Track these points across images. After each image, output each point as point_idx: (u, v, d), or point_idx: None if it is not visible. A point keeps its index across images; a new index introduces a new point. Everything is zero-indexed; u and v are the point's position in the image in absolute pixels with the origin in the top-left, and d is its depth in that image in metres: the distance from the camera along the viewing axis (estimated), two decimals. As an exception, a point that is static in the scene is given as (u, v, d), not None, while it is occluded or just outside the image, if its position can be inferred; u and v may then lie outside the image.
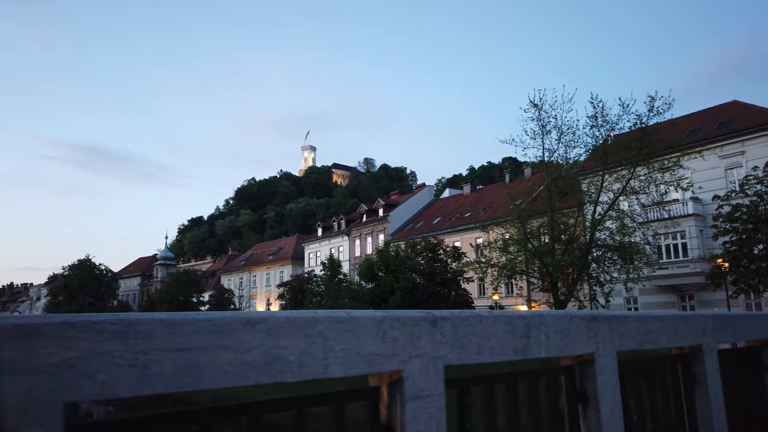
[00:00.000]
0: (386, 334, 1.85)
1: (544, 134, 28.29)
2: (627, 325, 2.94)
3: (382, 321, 1.85)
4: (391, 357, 1.85)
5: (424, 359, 1.94)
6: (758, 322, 4.43)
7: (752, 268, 21.20)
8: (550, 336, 2.46)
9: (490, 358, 2.20)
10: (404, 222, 57.36)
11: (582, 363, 2.71)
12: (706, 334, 3.56)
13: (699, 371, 3.52)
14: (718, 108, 36.40)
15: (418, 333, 1.94)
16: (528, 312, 2.45)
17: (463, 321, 2.12)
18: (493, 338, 2.22)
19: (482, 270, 30.18)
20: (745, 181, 22.84)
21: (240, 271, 79.66)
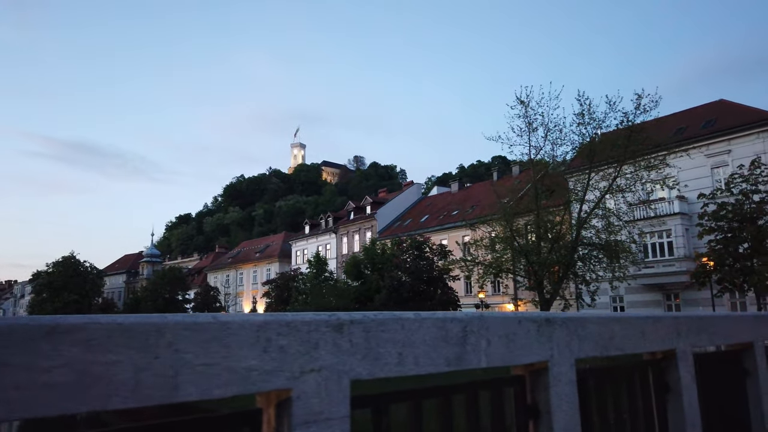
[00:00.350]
0: (270, 343, 1.49)
1: (530, 131, 28.09)
2: (587, 329, 2.59)
3: (264, 327, 1.49)
4: (276, 372, 1.49)
5: (323, 374, 1.58)
6: (738, 323, 4.11)
7: (737, 267, 21.08)
8: (493, 342, 2.11)
9: (415, 369, 1.85)
10: (392, 220, 57.01)
11: (534, 373, 2.36)
12: (680, 337, 3.25)
13: (672, 379, 3.20)
14: (705, 107, 36.40)
15: (315, 341, 1.58)
16: (467, 313, 2.10)
17: (379, 325, 1.76)
18: (419, 346, 1.87)
19: (468, 268, 29.94)
20: (731, 179, 22.71)
21: (227, 269, 78.95)
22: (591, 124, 27.71)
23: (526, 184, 34.11)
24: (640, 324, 2.98)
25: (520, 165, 45.28)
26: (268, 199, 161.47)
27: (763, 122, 30.53)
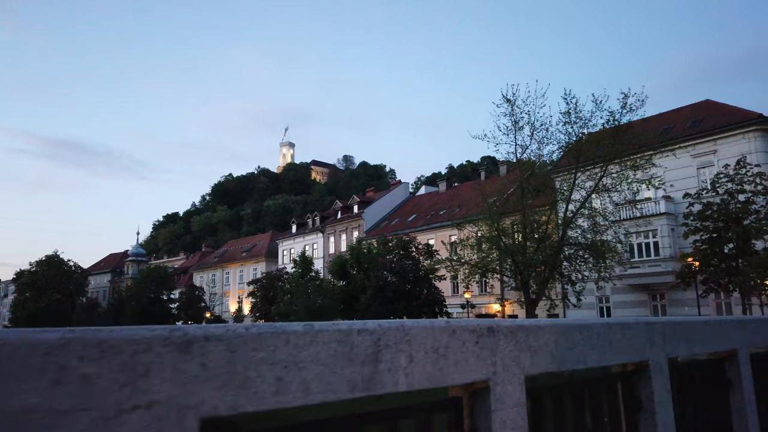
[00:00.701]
0: (66, 372, 1.07)
1: (516, 130, 27.84)
2: (541, 339, 2.20)
3: (58, 349, 1.07)
4: (73, 414, 1.07)
5: (155, 411, 1.17)
6: (720, 329, 3.72)
7: (722, 267, 20.91)
8: (416, 358, 1.71)
9: (302, 399, 1.45)
10: (379, 219, 56.64)
11: (473, 395, 1.96)
12: (654, 346, 2.88)
13: (645, 394, 2.83)
14: (691, 107, 36.38)
15: (144, 367, 1.17)
16: (381, 323, 1.69)
17: (250, 342, 1.35)
18: (310, 367, 1.46)
19: (454, 268, 29.64)
20: (716, 179, 22.55)
21: (213, 268, 78.15)
22: (577, 123, 27.56)
23: (512, 183, 33.92)
24: (606, 332, 2.59)
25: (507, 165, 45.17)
26: (257, 198, 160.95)
27: (748, 122, 30.50)
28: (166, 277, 63.65)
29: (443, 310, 34.92)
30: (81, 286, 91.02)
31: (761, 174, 21.18)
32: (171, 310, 60.66)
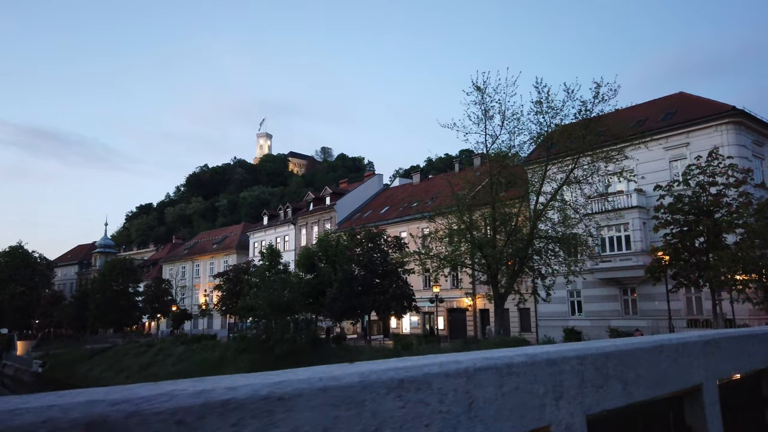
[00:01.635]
0: None
1: (486, 119, 27.02)
2: (607, 369, 1.90)
3: None
4: None
5: None
6: (758, 344, 3.19)
7: (693, 261, 20.34)
8: None
9: None
10: (352, 211, 55.57)
11: None
12: (709, 366, 2.53)
13: (697, 421, 2.46)
14: (665, 99, 35.98)
15: None
16: None
17: None
18: None
19: (422, 261, 28.80)
20: (688, 170, 21.97)
21: (183, 261, 76.30)
22: (549, 113, 26.81)
23: (485, 175, 33.19)
24: (663, 355, 2.24)
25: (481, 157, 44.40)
26: (233, 189, 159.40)
27: (721, 115, 30.12)
28: (132, 270, 61.69)
29: (412, 305, 34.07)
30: (46, 279, 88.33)
31: (733, 165, 20.65)
32: (137, 303, 58.82)
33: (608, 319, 33.38)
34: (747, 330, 3.62)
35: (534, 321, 37.69)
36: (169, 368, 40.98)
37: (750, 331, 3.34)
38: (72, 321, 65.98)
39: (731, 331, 3.17)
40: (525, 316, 38.59)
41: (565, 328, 29.14)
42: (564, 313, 35.97)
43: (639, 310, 32.41)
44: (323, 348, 31.68)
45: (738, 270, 17.26)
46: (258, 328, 33.53)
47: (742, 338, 3.10)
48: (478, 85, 26.62)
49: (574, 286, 35.36)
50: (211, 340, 43.34)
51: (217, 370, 35.84)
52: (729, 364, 2.84)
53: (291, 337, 30.83)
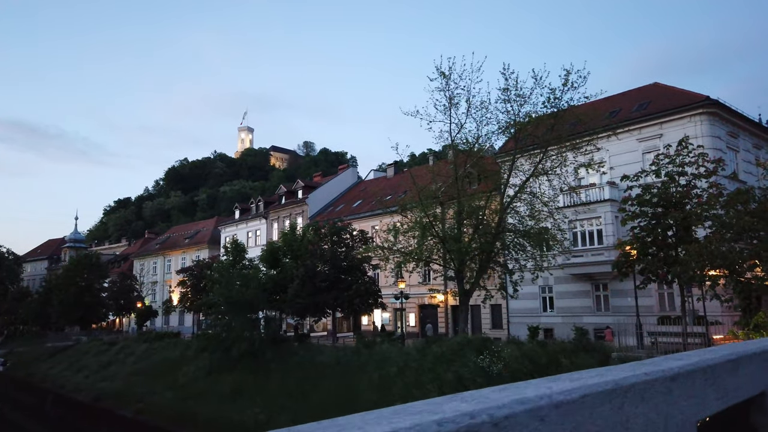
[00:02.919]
0: None
1: (451, 106, 25.77)
2: None
3: None
4: None
5: None
6: None
7: (660, 256, 19.31)
8: None
9: None
10: (325, 205, 54.19)
11: None
12: None
13: None
14: (639, 90, 35.09)
15: None
16: None
17: None
18: None
19: (385, 256, 27.55)
20: (657, 160, 20.90)
21: (154, 256, 74.31)
22: (517, 101, 25.63)
23: (464, 171, 32.09)
24: None
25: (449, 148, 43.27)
26: (213, 183, 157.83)
27: (695, 105, 29.25)
28: (99, 265, 59.64)
29: (378, 301, 32.80)
30: (14, 274, 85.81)
31: (703, 155, 19.65)
32: (103, 299, 56.87)
33: (580, 316, 32.46)
34: None
35: (505, 318, 36.68)
36: (128, 367, 39.38)
37: None
38: (37, 318, 63.80)
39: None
40: (496, 312, 37.59)
41: (529, 326, 28.09)
42: (535, 309, 35.01)
43: (611, 306, 31.51)
44: (284, 347, 30.31)
45: (706, 265, 16.25)
46: (218, 326, 32.08)
47: None
48: (443, 71, 25.37)
49: (546, 281, 34.43)
50: (174, 338, 41.75)
51: (176, 370, 34.35)
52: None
53: (249, 336, 29.41)
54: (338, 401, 23.94)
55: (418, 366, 22.98)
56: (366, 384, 23.93)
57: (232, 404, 27.42)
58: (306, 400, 25.15)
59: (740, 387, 2.09)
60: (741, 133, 31.71)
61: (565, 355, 19.62)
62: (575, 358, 19.31)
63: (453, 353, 22.70)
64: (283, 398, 26.28)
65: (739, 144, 31.10)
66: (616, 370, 1.55)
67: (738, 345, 2.38)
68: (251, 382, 28.55)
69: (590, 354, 19.84)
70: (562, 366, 19.07)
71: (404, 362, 23.80)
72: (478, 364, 21.42)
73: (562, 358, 19.29)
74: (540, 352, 20.14)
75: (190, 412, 28.16)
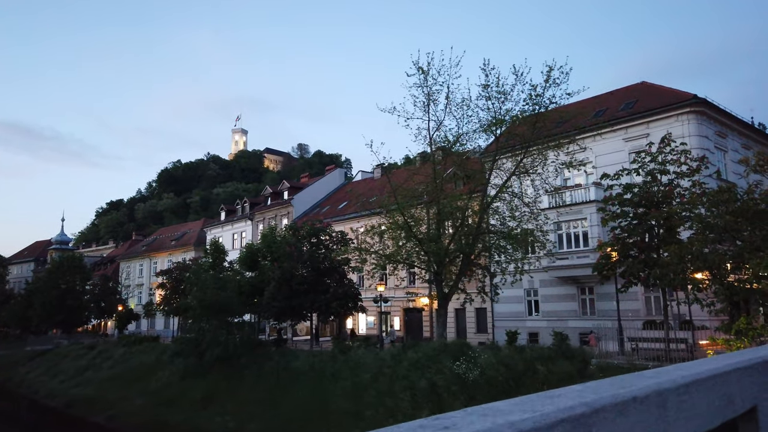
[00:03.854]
0: None
1: (430, 101, 24.92)
2: None
3: None
4: None
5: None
6: None
7: (642, 258, 18.46)
8: None
9: None
10: (311, 206, 53.27)
11: None
12: None
13: None
14: (626, 89, 34.32)
15: None
16: None
17: None
18: None
19: (361, 258, 26.66)
20: (638, 157, 20.07)
21: (140, 258, 73.18)
22: (499, 99, 24.79)
23: (444, 170, 31.37)
24: None
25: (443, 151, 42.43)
26: (206, 185, 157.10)
27: (682, 104, 28.48)
28: (81, 267, 58.49)
29: (358, 304, 31.85)
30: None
31: (686, 152, 18.82)
32: (86, 302, 55.72)
33: (565, 320, 31.62)
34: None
35: (490, 321, 35.78)
36: (104, 372, 38.34)
37: None
38: (18, 321, 62.58)
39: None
40: (482, 316, 36.70)
41: (508, 331, 27.19)
42: (521, 313, 34.14)
43: (597, 310, 30.65)
44: (260, 352, 29.32)
45: (687, 267, 15.39)
46: (193, 330, 31.11)
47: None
48: (421, 66, 24.52)
49: (531, 284, 33.58)
50: (153, 342, 40.72)
51: (151, 375, 33.35)
52: None
53: (224, 341, 28.44)
54: (309, 409, 23.04)
55: (393, 373, 22.08)
56: (339, 391, 23.01)
57: (202, 411, 26.46)
58: (277, 408, 24.20)
59: (727, 404, 1.84)
60: (730, 133, 30.96)
61: (543, 362, 18.74)
62: (553, 365, 18.44)
63: (429, 359, 21.81)
64: (254, 405, 25.33)
65: (727, 144, 30.34)
66: (567, 394, 1.20)
67: (721, 358, 2.12)
68: (224, 389, 27.59)
69: (570, 361, 18.97)
70: (538, 373, 18.21)
71: (379, 369, 22.89)
72: (455, 370, 20.53)
73: (538, 365, 18.40)
74: (517, 358, 19.26)
75: (160, 420, 27.18)
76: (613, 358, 19.11)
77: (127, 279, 74.00)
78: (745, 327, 12.75)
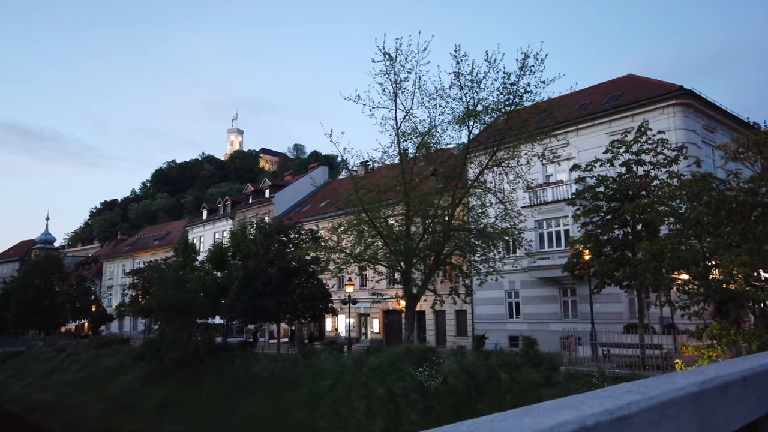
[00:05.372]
0: None
1: (398, 89, 23.45)
2: None
3: None
4: None
5: None
6: None
7: (615, 256, 16.97)
8: None
9: None
10: (292, 204, 51.83)
11: None
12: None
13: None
14: (612, 82, 32.85)
15: None
16: None
17: None
18: None
19: (327, 257, 25.18)
20: (611, 147, 18.58)
21: (123, 257, 71.69)
22: (472, 87, 23.31)
23: (428, 167, 29.98)
24: None
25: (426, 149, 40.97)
26: (200, 185, 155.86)
27: (668, 96, 27.01)
28: (59, 266, 56.95)
29: (328, 306, 30.30)
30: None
31: (663, 141, 17.33)
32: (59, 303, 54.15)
33: (547, 323, 30.13)
34: None
35: (470, 324, 34.26)
36: (70, 375, 36.82)
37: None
38: (-5, 322, 60.96)
39: None
40: (462, 318, 35.20)
41: (476, 335, 25.70)
42: (501, 315, 32.62)
43: (579, 312, 29.13)
44: (223, 357, 27.79)
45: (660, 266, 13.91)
46: (155, 332, 29.61)
47: None
48: (388, 52, 23.05)
49: (513, 286, 32.11)
50: (122, 345, 39.21)
51: (113, 380, 31.87)
52: None
53: (184, 344, 26.94)
54: (265, 418, 21.52)
55: (352, 379, 20.56)
56: (296, 399, 21.49)
57: (157, 419, 24.95)
58: (232, 417, 22.68)
59: None
60: (719, 127, 29.47)
61: (507, 370, 17.22)
62: (518, 373, 16.93)
63: (391, 365, 20.29)
64: (211, 413, 23.82)
65: (716, 139, 28.83)
66: None
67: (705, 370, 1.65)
68: (182, 395, 26.08)
69: (537, 368, 17.46)
70: (501, 382, 16.69)
71: (339, 375, 21.37)
72: (417, 377, 19.02)
73: (502, 373, 16.89)
74: (480, 365, 17.74)
75: (113, 428, 25.67)
76: (585, 365, 17.60)
77: (110, 279, 72.68)
78: (718, 332, 11.28)
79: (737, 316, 12.00)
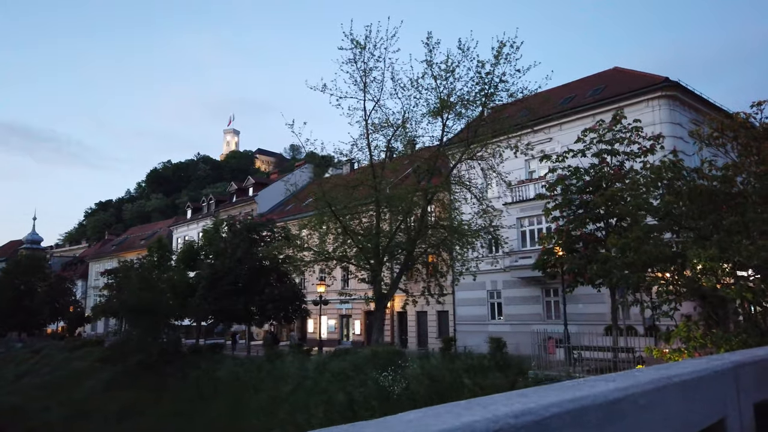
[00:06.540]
0: None
1: (366, 80, 22.41)
2: None
3: None
4: None
5: None
6: None
7: (585, 253, 15.86)
8: None
9: None
10: (276, 203, 50.71)
11: None
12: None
13: None
14: (597, 75, 31.75)
15: None
16: None
17: None
18: None
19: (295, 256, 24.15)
20: (583, 135, 17.48)
21: (109, 257, 70.48)
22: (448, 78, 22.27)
23: (410, 165, 29.03)
24: None
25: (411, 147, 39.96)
26: (195, 186, 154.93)
27: (652, 88, 25.91)
28: (40, 267, 55.84)
29: (301, 307, 29.16)
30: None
31: (637, 129, 16.24)
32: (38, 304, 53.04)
33: (530, 324, 28.89)
34: None
35: (452, 325, 33.11)
36: (39, 379, 35.68)
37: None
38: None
39: None
40: (443, 320, 34.05)
41: (444, 338, 24.60)
42: (483, 316, 31.48)
43: (562, 313, 27.97)
44: (188, 360, 26.66)
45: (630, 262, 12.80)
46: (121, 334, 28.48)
47: None
48: (356, 40, 22.01)
49: (495, 286, 31.02)
50: (95, 347, 38.07)
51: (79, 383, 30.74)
52: None
53: (149, 347, 25.81)
54: (223, 426, 20.39)
55: (314, 384, 19.45)
56: (257, 405, 20.38)
57: (116, 426, 23.82)
58: (192, 423, 21.55)
59: None
60: (708, 121, 28.29)
61: (473, 374, 16.10)
62: (483, 378, 15.81)
63: (354, 369, 19.19)
64: (172, 420, 22.68)
65: (703, 133, 27.69)
66: None
67: None
68: (144, 400, 24.95)
69: (504, 372, 16.34)
70: (464, 387, 15.57)
71: (301, 380, 20.26)
72: (380, 382, 17.91)
73: (465, 378, 15.77)
74: (444, 369, 16.62)
75: (72, 435, 24.57)
76: (556, 368, 16.48)
77: (96, 280, 71.52)
78: (685, 335, 10.21)
79: (708, 316, 10.90)
